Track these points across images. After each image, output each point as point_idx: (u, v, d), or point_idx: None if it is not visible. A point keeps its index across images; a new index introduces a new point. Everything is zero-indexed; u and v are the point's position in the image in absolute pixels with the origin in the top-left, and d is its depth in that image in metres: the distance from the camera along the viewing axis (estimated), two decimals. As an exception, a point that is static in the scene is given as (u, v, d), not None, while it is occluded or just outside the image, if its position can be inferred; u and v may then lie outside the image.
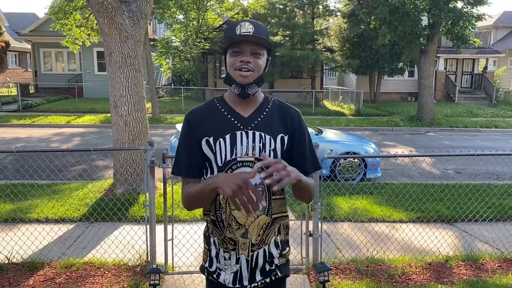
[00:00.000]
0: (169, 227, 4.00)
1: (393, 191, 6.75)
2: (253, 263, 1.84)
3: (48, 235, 4.73)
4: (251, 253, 1.83)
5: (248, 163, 1.79)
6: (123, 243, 4.60)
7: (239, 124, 1.81)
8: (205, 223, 1.96)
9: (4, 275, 3.99)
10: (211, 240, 1.89)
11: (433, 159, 10.18)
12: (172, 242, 4.06)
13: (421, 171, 9.22)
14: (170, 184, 4.32)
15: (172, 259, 4.10)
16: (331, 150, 7.71)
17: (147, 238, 4.01)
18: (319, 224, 4.14)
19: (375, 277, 4.11)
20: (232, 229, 1.81)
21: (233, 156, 1.79)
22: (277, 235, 1.88)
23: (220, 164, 1.80)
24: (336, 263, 4.38)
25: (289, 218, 2.02)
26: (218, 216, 1.83)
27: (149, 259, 4.06)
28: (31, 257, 4.32)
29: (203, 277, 4.05)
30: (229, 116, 1.83)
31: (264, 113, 1.86)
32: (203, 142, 1.82)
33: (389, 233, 5.23)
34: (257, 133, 1.81)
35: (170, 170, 4.09)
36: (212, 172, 1.83)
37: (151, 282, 3.50)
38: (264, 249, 1.85)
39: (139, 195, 6.32)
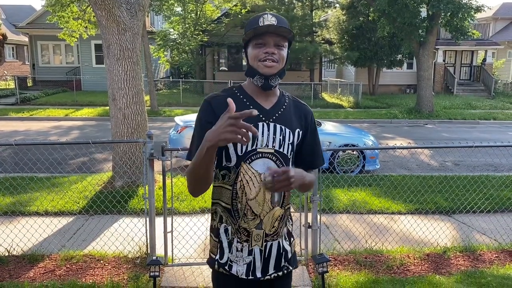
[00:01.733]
0: (169, 219, 4.01)
1: (391, 183, 6.77)
2: (267, 254, 1.86)
3: (48, 228, 4.75)
4: (265, 243, 1.85)
5: (268, 154, 1.80)
6: (123, 236, 4.61)
7: (261, 115, 1.81)
8: (211, 215, 1.95)
9: (5, 268, 4.01)
10: (222, 231, 1.87)
11: (431, 151, 10.20)
12: (172, 234, 4.08)
13: (419, 163, 9.24)
14: (170, 176, 4.33)
15: (172, 251, 4.12)
16: (330, 143, 7.72)
17: (146, 230, 4.03)
18: (318, 216, 4.16)
19: (374, 268, 4.14)
20: (247, 219, 1.82)
21: (254, 147, 1.79)
22: (286, 226, 1.93)
23: (240, 154, 1.79)
24: (335, 255, 4.41)
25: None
26: (234, 205, 1.83)
27: (148, 251, 4.08)
28: (31, 250, 4.34)
29: (203, 268, 4.10)
30: (251, 107, 1.81)
31: (284, 107, 1.88)
32: None
33: (388, 225, 5.26)
34: (278, 126, 1.83)
35: (169, 162, 4.11)
36: (229, 160, 1.81)
37: (151, 274, 3.52)
38: (279, 241, 1.88)
39: (138, 188, 6.33)
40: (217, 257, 1.91)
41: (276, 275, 1.89)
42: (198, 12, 23.54)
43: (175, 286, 3.75)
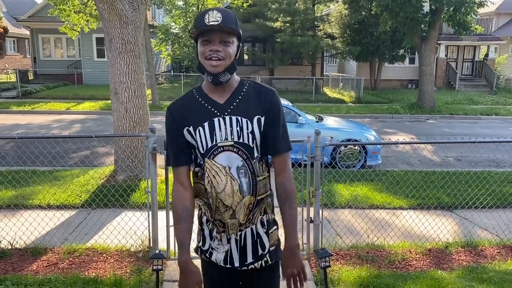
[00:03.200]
0: (171, 213, 4.01)
1: (393, 178, 6.77)
2: (242, 242, 1.92)
3: (50, 221, 4.76)
4: (239, 233, 1.90)
5: (229, 147, 1.85)
6: (125, 229, 4.62)
7: (215, 111, 1.87)
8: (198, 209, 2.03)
9: (8, 261, 4.02)
10: (204, 220, 1.97)
11: (433, 147, 10.19)
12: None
13: (421, 159, 9.23)
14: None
15: (174, 245, 4.13)
16: (332, 137, 7.68)
17: (149, 224, 4.04)
18: (320, 211, 4.16)
19: (376, 263, 4.15)
20: (220, 211, 1.88)
21: (214, 142, 1.84)
22: (263, 215, 1.94)
23: (202, 151, 1.86)
24: (337, 249, 4.41)
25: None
26: (206, 200, 1.92)
27: (151, 245, 4.09)
28: (34, 243, 4.36)
29: (205, 262, 4.08)
30: (206, 104, 1.88)
31: (240, 97, 1.89)
32: (185, 131, 1.88)
33: (390, 220, 5.26)
34: (233, 118, 1.86)
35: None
36: (196, 159, 1.91)
37: (154, 267, 3.52)
38: (252, 228, 1.92)
39: (140, 182, 6.34)
40: (200, 244, 2.02)
41: (253, 266, 1.93)
42: (200, 6, 23.42)
43: (178, 280, 3.76)
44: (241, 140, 1.85)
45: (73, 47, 25.73)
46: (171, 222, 3.98)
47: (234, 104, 1.87)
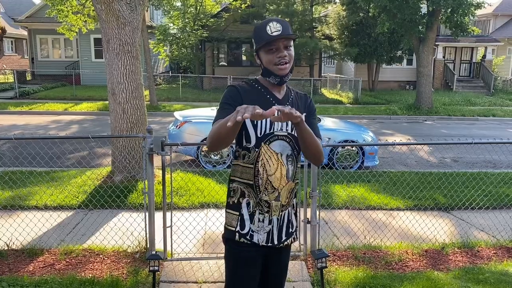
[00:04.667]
0: (168, 214, 4.02)
1: (390, 179, 6.78)
2: (281, 222, 2.17)
3: (47, 222, 4.75)
4: (281, 213, 2.15)
5: (283, 137, 2.10)
6: (122, 230, 4.62)
7: (275, 103, 2.12)
8: (228, 192, 2.20)
9: (4, 261, 4.01)
10: (244, 205, 2.14)
11: (430, 148, 10.22)
12: (171, 229, 4.09)
13: (418, 160, 9.25)
14: (169, 171, 4.33)
15: (171, 246, 4.13)
16: (329, 138, 7.68)
17: (146, 225, 4.04)
18: (317, 212, 4.17)
19: (372, 263, 4.16)
20: (268, 192, 2.10)
21: (271, 130, 2.08)
22: (294, 198, 2.24)
23: (259, 135, 2.07)
24: (334, 250, 4.42)
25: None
26: (256, 181, 2.10)
27: (148, 246, 4.09)
28: (30, 244, 4.35)
29: (202, 263, 4.11)
30: (268, 96, 2.14)
31: (292, 96, 2.21)
32: None
33: (386, 221, 5.27)
34: None
35: (168, 157, 4.11)
36: (249, 141, 2.08)
37: (151, 268, 3.53)
38: (289, 210, 2.20)
39: (137, 183, 6.33)
40: (237, 228, 2.15)
41: (287, 242, 2.21)
42: (198, 7, 23.44)
43: (174, 280, 3.77)
44: (293, 132, 2.11)
45: (71, 48, 25.69)
46: (168, 223, 4.00)
47: (289, 101, 2.17)
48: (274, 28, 2.02)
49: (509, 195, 6.30)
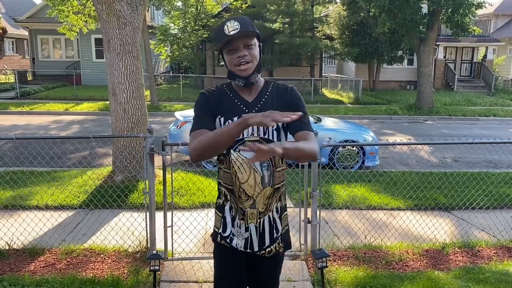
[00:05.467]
0: (169, 214, 4.02)
1: (391, 179, 6.79)
2: (261, 229, 2.09)
3: (48, 222, 4.76)
4: (259, 220, 2.07)
5: (254, 142, 1.97)
6: (123, 230, 4.63)
7: (244, 108, 2.04)
8: (218, 193, 2.17)
9: (5, 261, 4.02)
10: (227, 207, 2.11)
11: (431, 148, 10.21)
12: (172, 228, 4.09)
13: (419, 159, 9.25)
14: (170, 171, 4.34)
15: (172, 246, 4.14)
16: (330, 138, 7.67)
17: (146, 224, 4.04)
18: (318, 211, 4.17)
19: (373, 263, 4.16)
20: (242, 200, 2.04)
21: (241, 136, 1.99)
22: (277, 202, 2.12)
23: None
24: (334, 250, 4.42)
25: (288, 205, 2.18)
26: (231, 187, 2.06)
27: (149, 246, 4.09)
28: (31, 243, 4.35)
29: (203, 263, 4.12)
30: (236, 101, 2.05)
31: (266, 96, 2.07)
32: (217, 118, 2.03)
33: (387, 221, 5.28)
34: None
35: (169, 157, 4.12)
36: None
37: (151, 268, 3.54)
38: (269, 215, 2.09)
39: (138, 182, 6.34)
40: (220, 230, 2.14)
41: (270, 249, 2.11)
42: (199, 7, 23.45)
43: (175, 280, 3.77)
44: (266, 136, 2.01)
45: (71, 48, 25.71)
46: (169, 223, 4.01)
47: (261, 102, 2.05)
48: (231, 27, 1.92)
49: (510, 195, 6.30)
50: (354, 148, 8.15)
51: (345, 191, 6.36)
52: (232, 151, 2.00)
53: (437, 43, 23.01)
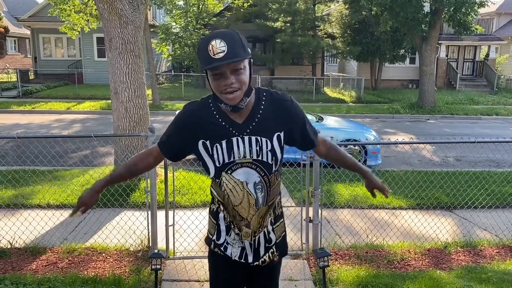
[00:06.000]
0: (170, 213, 4.02)
1: (393, 178, 6.76)
2: (256, 245, 2.00)
3: (50, 221, 4.76)
4: (254, 238, 1.98)
5: (247, 164, 1.86)
6: (125, 229, 4.63)
7: (234, 131, 1.84)
8: (210, 203, 2.09)
9: (7, 260, 4.03)
10: (221, 216, 2.00)
11: (433, 147, 10.19)
12: (173, 227, 4.09)
13: (421, 159, 9.23)
14: (171, 170, 4.34)
15: (173, 245, 4.14)
16: (332, 137, 7.68)
17: (148, 223, 4.04)
18: (319, 211, 4.16)
19: (374, 262, 4.15)
20: (236, 220, 1.95)
21: (231, 159, 1.85)
22: (272, 215, 2.03)
23: (218, 165, 1.87)
24: (336, 249, 4.41)
25: (290, 204, 2.14)
26: (226, 206, 1.96)
27: (150, 245, 4.09)
28: (33, 242, 4.36)
29: (204, 262, 4.11)
30: (223, 123, 1.85)
31: (258, 115, 1.86)
32: (200, 143, 1.88)
33: (389, 220, 5.27)
34: (253, 138, 1.85)
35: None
36: (208, 171, 1.92)
37: (153, 267, 3.53)
38: (264, 232, 2.01)
39: (140, 181, 6.34)
40: (214, 237, 2.04)
41: (263, 259, 2.02)
42: (200, 6, 23.46)
43: (177, 279, 3.77)
44: (260, 158, 1.85)
45: (73, 47, 25.74)
46: (170, 222, 4.01)
47: (254, 124, 1.85)
48: (216, 49, 1.66)
49: (512, 194, 6.28)
50: (356, 147, 8.13)
51: (347, 190, 6.35)
52: (223, 173, 1.86)
53: (439, 41, 22.95)
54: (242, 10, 21.22)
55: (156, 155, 2.04)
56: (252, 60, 1.82)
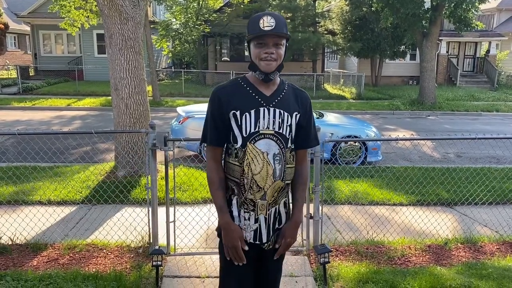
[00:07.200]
0: (171, 209, 4.03)
1: (393, 175, 6.77)
2: (269, 220, 2.16)
3: (51, 217, 4.77)
4: (268, 211, 2.15)
5: (269, 135, 2.09)
6: (125, 225, 4.64)
7: (262, 101, 2.11)
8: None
9: (8, 256, 4.04)
10: (234, 201, 2.16)
11: (434, 143, 10.19)
12: (174, 224, 4.09)
13: (421, 155, 9.23)
14: (172, 167, 4.34)
15: (174, 241, 4.15)
16: (332, 134, 7.70)
17: (149, 220, 4.05)
18: (320, 207, 4.17)
19: (375, 259, 4.16)
20: (253, 191, 2.10)
21: (257, 129, 2.08)
22: (285, 198, 2.22)
23: (245, 135, 2.08)
24: (336, 245, 4.42)
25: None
26: (241, 180, 2.11)
27: (151, 241, 4.10)
28: (34, 239, 4.37)
29: (205, 258, 4.12)
30: (253, 94, 2.11)
31: (283, 93, 2.16)
32: (231, 114, 2.09)
33: (389, 216, 5.27)
34: (277, 110, 2.11)
35: (171, 153, 4.11)
36: (235, 142, 2.10)
37: (154, 263, 3.54)
38: (275, 208, 2.17)
39: (140, 178, 6.35)
40: None
41: (273, 238, 2.19)
42: (200, 2, 23.38)
43: (178, 275, 3.78)
44: (280, 131, 2.10)
45: (73, 43, 25.69)
46: (171, 218, 4.01)
47: (279, 98, 2.13)
48: (267, 23, 1.99)
49: (513, 191, 6.28)
50: (356, 144, 8.14)
51: (348, 186, 6.35)
52: (248, 143, 2.07)
53: (440, 38, 22.92)
54: (242, 6, 21.16)
55: (216, 155, 2.17)
56: (287, 44, 2.13)
